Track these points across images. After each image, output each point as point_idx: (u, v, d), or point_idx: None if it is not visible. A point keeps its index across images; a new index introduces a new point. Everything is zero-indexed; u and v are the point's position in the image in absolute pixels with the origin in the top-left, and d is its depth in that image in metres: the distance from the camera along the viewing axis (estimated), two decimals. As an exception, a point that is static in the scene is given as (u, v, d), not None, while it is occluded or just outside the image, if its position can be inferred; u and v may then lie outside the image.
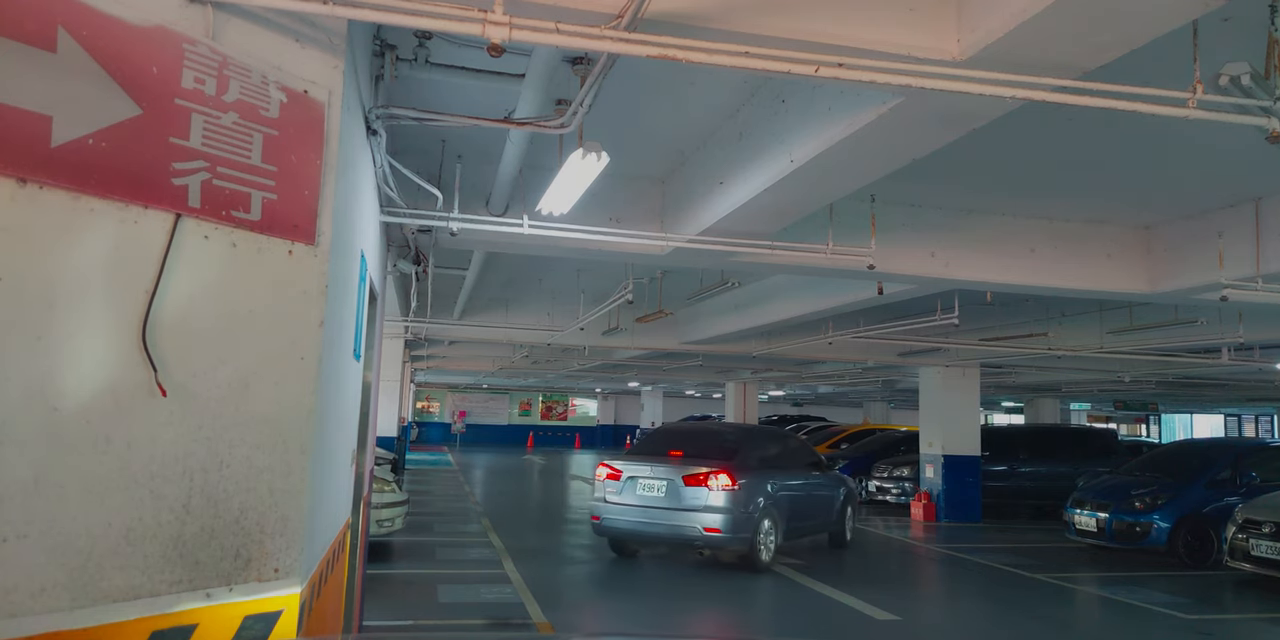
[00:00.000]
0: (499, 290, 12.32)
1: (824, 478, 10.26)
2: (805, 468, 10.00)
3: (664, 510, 8.47)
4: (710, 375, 23.39)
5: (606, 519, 8.92)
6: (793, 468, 9.72)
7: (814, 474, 10.09)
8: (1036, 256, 6.93)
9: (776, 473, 9.22)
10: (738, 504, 8.38)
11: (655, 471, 8.66)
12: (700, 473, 8.45)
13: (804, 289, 9.58)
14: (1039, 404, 26.01)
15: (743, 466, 8.72)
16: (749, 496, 8.51)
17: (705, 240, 5.51)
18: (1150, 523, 10.27)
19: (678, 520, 8.39)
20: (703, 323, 12.90)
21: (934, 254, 6.74)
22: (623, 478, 8.84)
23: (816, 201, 4.89)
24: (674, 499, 8.44)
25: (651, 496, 8.57)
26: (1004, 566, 9.92)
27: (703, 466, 8.54)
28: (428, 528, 11.41)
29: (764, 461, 9.24)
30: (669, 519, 8.45)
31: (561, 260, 9.99)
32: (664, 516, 8.47)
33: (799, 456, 10.10)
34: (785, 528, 9.04)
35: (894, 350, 13.98)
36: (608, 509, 8.89)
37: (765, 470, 9.07)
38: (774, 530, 8.81)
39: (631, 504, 8.68)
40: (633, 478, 8.77)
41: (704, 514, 8.30)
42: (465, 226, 5.01)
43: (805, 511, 9.62)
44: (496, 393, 40.13)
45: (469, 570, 8.57)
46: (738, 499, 8.39)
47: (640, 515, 8.62)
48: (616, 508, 8.80)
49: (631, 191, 6.31)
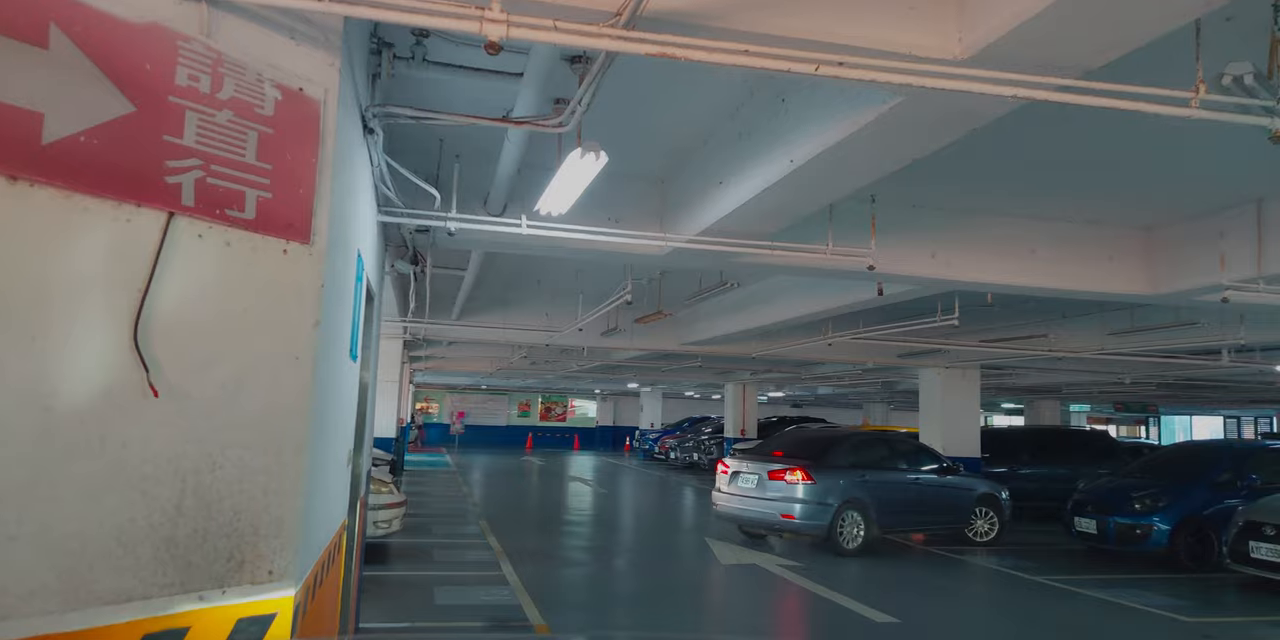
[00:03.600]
0: (498, 291, 12.30)
1: (945, 479, 11.38)
2: (919, 469, 11.33)
3: (755, 499, 10.40)
4: (710, 376, 23.38)
5: (718, 504, 10.98)
6: (900, 469, 11.20)
7: (930, 475, 11.31)
8: (1037, 257, 6.91)
9: (874, 472, 10.79)
10: (814, 496, 10.09)
11: (751, 467, 10.62)
12: (781, 469, 10.28)
13: (804, 290, 9.57)
14: (1039, 406, 26.00)
15: (825, 465, 10.44)
16: (827, 490, 10.17)
17: (705, 241, 5.49)
18: (1151, 525, 10.24)
19: (763, 508, 10.31)
20: (702, 324, 12.88)
21: (934, 255, 6.73)
22: (730, 472, 10.90)
23: (816, 202, 4.88)
24: (761, 490, 10.35)
25: (747, 488, 10.53)
26: (1005, 569, 9.90)
27: (783, 464, 10.38)
28: (426, 529, 11.39)
29: (858, 462, 10.83)
30: (758, 506, 10.38)
31: (560, 261, 9.99)
32: (755, 504, 10.41)
33: (912, 459, 11.49)
34: (882, 521, 10.51)
35: (894, 352, 13.96)
36: (719, 497, 11.00)
37: (857, 469, 10.65)
38: (863, 522, 10.32)
39: (734, 493, 10.70)
40: (737, 472, 10.80)
41: (782, 503, 10.14)
42: (463, 226, 4.99)
43: (913, 508, 10.91)
44: (495, 394, 40.05)
45: (467, 572, 8.54)
46: (814, 492, 10.10)
47: (739, 502, 10.62)
48: (724, 496, 10.87)
49: (631, 191, 6.30)
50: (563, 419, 41.63)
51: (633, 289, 8.19)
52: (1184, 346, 10.15)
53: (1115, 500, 10.72)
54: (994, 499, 11.67)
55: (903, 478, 11.11)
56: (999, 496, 11.74)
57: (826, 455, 10.69)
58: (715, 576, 9.01)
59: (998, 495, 11.74)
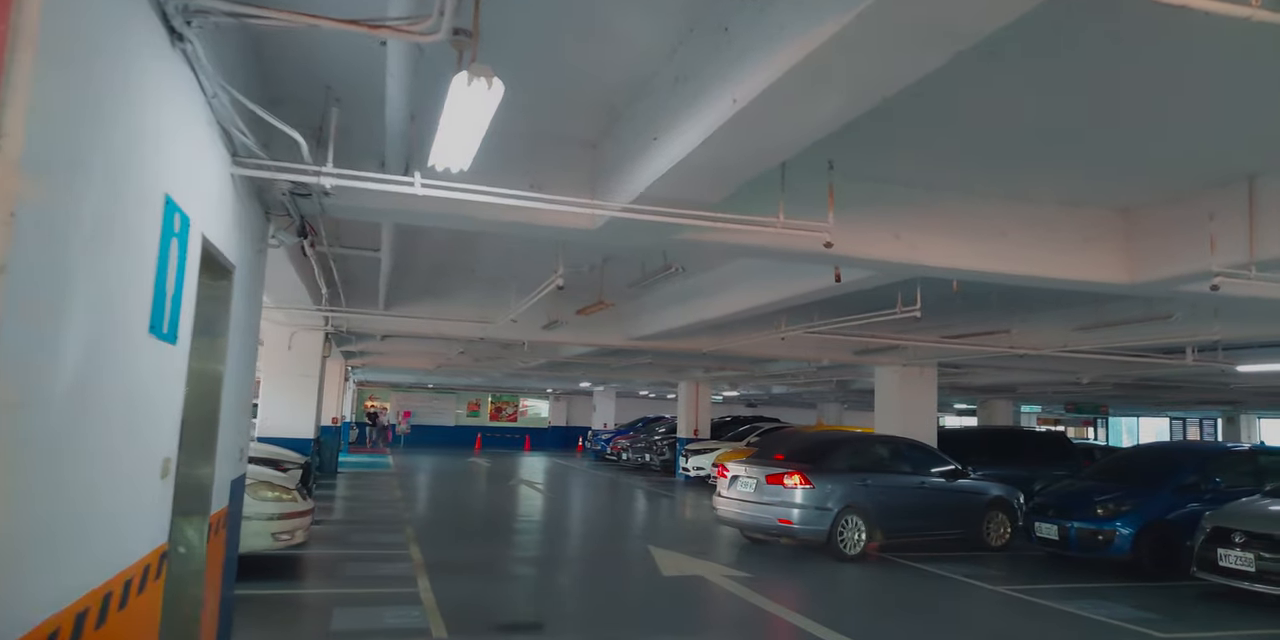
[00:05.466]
0: (427, 279, 11.38)
1: (954, 483, 10.95)
2: (925, 473, 10.90)
3: (754, 503, 10.11)
4: (662, 374, 22.63)
5: (718, 509, 10.72)
6: (905, 472, 10.79)
7: (937, 479, 10.88)
8: (1009, 241, 6.26)
9: (877, 476, 10.39)
10: (813, 501, 9.75)
11: (750, 472, 10.33)
12: (779, 473, 9.96)
13: (755, 279, 8.85)
14: (993, 406, 25.79)
15: (825, 469, 10.10)
16: (826, 495, 9.81)
17: (640, 210, 4.70)
18: (1113, 530, 9.72)
19: (762, 512, 10.00)
20: (649, 317, 12.11)
21: (898, 236, 6.03)
22: (729, 476, 10.64)
23: (765, 157, 4.11)
24: (760, 494, 10.05)
25: (746, 492, 10.24)
26: (963, 578, 9.29)
27: (781, 468, 10.05)
28: (343, 539, 10.41)
29: (860, 465, 10.47)
30: (757, 511, 10.07)
31: (493, 246, 9.13)
32: (754, 509, 10.11)
33: (919, 463, 11.04)
34: (884, 526, 10.11)
35: (849, 348, 13.35)
36: (719, 501, 10.75)
37: (858, 473, 10.28)
38: (863, 527, 9.92)
39: (733, 498, 10.43)
40: (736, 476, 10.51)
41: (780, 507, 9.85)
42: (342, 184, 4.12)
43: (919, 514, 10.49)
44: (443, 393, 38.86)
45: (376, 589, 7.63)
46: (813, 497, 9.76)
47: (739, 507, 10.33)
48: (724, 501, 10.61)
49: (559, 156, 5.48)
50: (514, 419, 40.59)
51: (570, 275, 7.41)
52: (1152, 344, 9.64)
53: (1077, 504, 10.20)
54: (1007, 503, 11.30)
55: (908, 482, 10.70)
56: (1012, 501, 11.35)
57: (827, 459, 10.37)
58: (652, 591, 8.23)
59: (1011, 500, 11.36)
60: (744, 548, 11.73)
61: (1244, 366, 11.31)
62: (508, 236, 8.28)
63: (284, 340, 11.64)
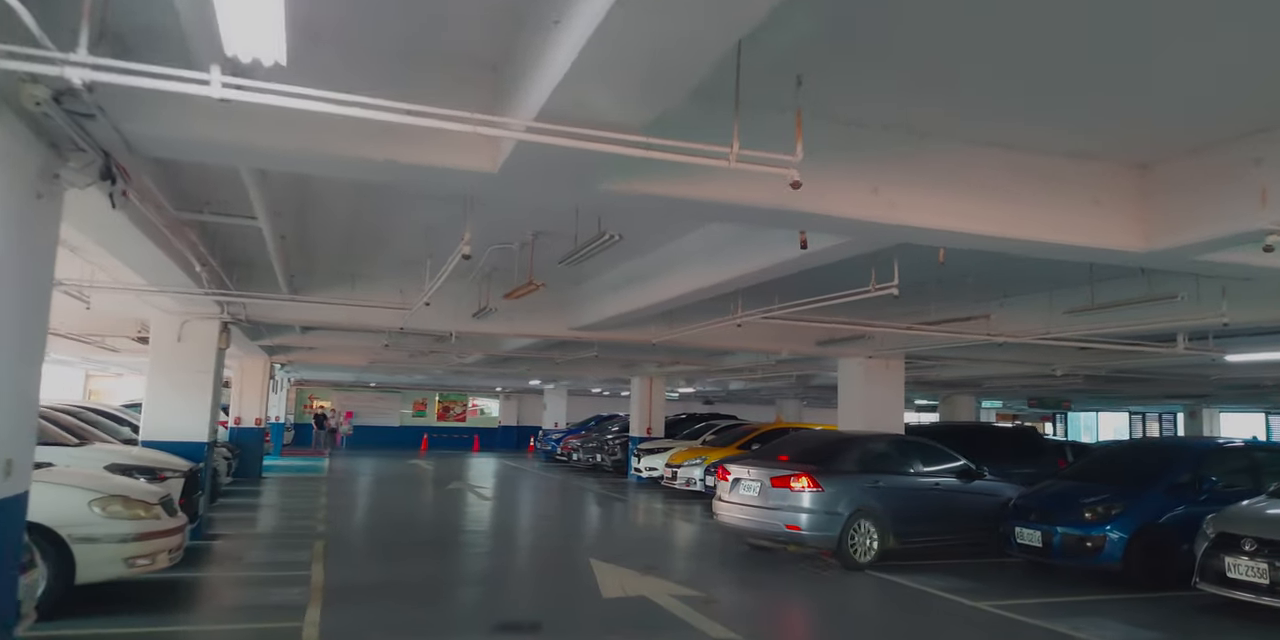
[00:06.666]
0: (338, 261, 10.04)
1: (970, 484, 10.20)
2: (940, 474, 10.13)
3: (758, 508, 9.35)
4: (614, 370, 21.44)
5: (719, 514, 9.96)
6: (918, 473, 10.01)
7: (952, 480, 10.12)
8: (1007, 199, 5.19)
9: (889, 477, 9.64)
10: (820, 505, 9.01)
11: (752, 474, 9.56)
12: (784, 475, 9.22)
13: (707, 257, 7.70)
14: (955, 401, 25.11)
15: (834, 470, 9.37)
16: (835, 498, 9.07)
17: (546, 130, 3.48)
18: (1103, 536, 8.79)
19: (767, 518, 9.25)
20: (592, 304, 10.91)
21: (876, 190, 4.91)
22: (731, 479, 9.82)
23: (700, 39, 2.92)
24: (764, 498, 9.30)
25: (749, 496, 9.49)
26: (940, 591, 8.27)
27: (787, 470, 9.30)
28: (235, 557, 9.04)
29: (871, 466, 9.68)
30: (761, 517, 9.31)
31: (403, 218, 7.84)
32: (758, 514, 9.35)
33: (932, 463, 10.25)
34: (899, 531, 9.36)
35: (811, 339, 12.31)
36: (720, 506, 9.95)
37: (869, 474, 9.52)
38: (876, 533, 9.20)
39: (735, 502, 9.65)
40: (738, 479, 9.73)
41: (786, 512, 9.09)
42: (102, 79, 2.84)
43: (933, 517, 9.75)
44: (387, 391, 37.20)
45: (248, 624, 6.30)
46: (821, 500, 9.02)
47: (741, 513, 9.56)
48: (725, 506, 9.83)
49: (449, 79, 4.25)
50: (462, 419, 39.08)
51: (498, 255, 6.20)
52: (1149, 329, 8.65)
53: (1061, 507, 9.25)
54: None
55: (921, 483, 9.98)
56: None
57: (836, 459, 9.67)
58: (585, 618, 7.04)
59: None
60: (699, 560, 10.62)
61: (1234, 356, 10.50)
62: (415, 201, 7.02)
63: (172, 330, 10.19)
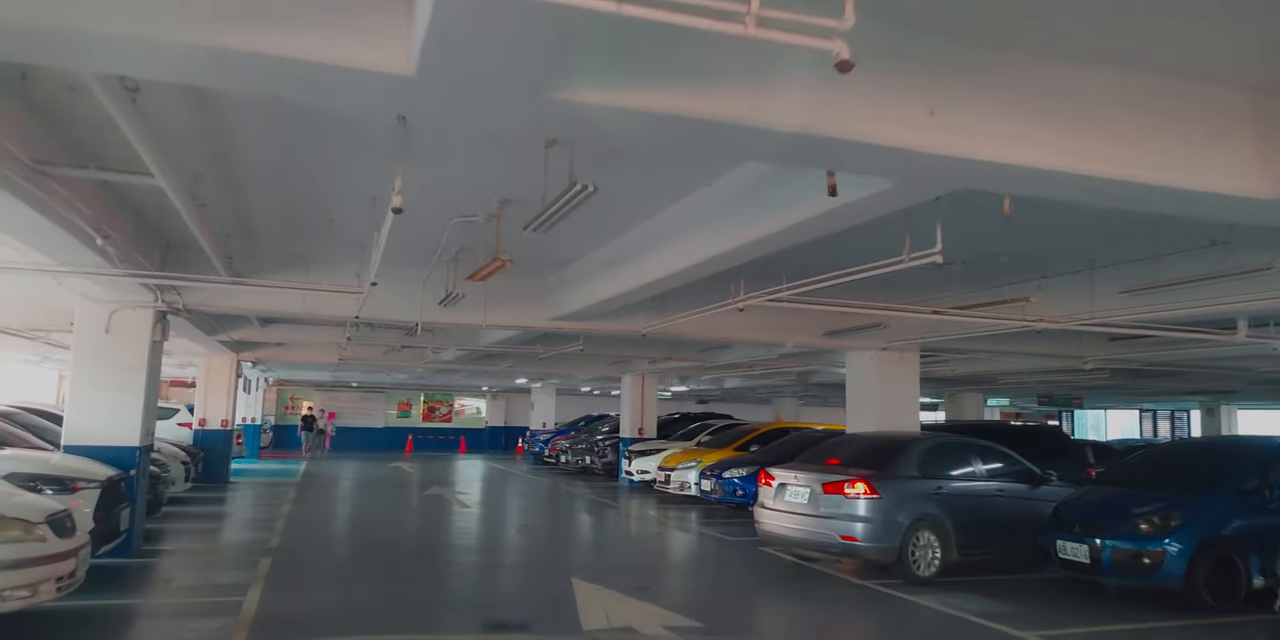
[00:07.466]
0: (283, 241, 8.81)
1: (1037, 490, 9.39)
2: (1003, 479, 9.42)
3: (807, 517, 8.65)
4: (603, 367, 20.20)
5: (762, 523, 9.22)
6: (981, 478, 9.31)
7: (1018, 485, 9.38)
8: (1098, 128, 4.00)
9: (951, 482, 8.97)
10: (879, 513, 8.27)
11: (800, 479, 8.87)
12: (837, 480, 8.50)
13: (706, 224, 6.49)
14: (961, 399, 23.99)
15: (892, 476, 8.65)
16: (895, 506, 8.35)
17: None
18: (1161, 551, 7.61)
19: (818, 527, 8.55)
20: (575, 291, 9.70)
21: (933, 111, 3.72)
22: (775, 484, 9.12)
23: None
24: (815, 506, 8.59)
25: (797, 503, 8.80)
26: (976, 618, 7.09)
27: (841, 475, 8.59)
28: (161, 580, 7.81)
29: (931, 471, 8.96)
30: (811, 526, 8.61)
31: (343, 186, 6.61)
32: (807, 523, 8.65)
33: (995, 467, 9.52)
34: (963, 541, 8.59)
35: (819, 329, 11.12)
36: (763, 514, 9.21)
37: (930, 480, 8.82)
38: (939, 543, 8.45)
39: (781, 510, 8.94)
40: (783, 484, 9.02)
41: (840, 522, 8.37)
42: None
43: (999, 527, 8.93)
44: (371, 391, 35.87)
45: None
46: (879, 508, 8.28)
47: (788, 521, 8.85)
48: (769, 513, 9.09)
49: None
50: (448, 419, 37.75)
51: (462, 230, 4.91)
52: (1213, 311, 7.41)
53: (1111, 517, 8.07)
54: None
55: (986, 489, 9.20)
56: None
57: (893, 463, 8.89)
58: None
59: None
60: (695, 577, 9.43)
61: (1297, 344, 9.34)
62: (347, 161, 5.76)
63: (99, 321, 8.93)
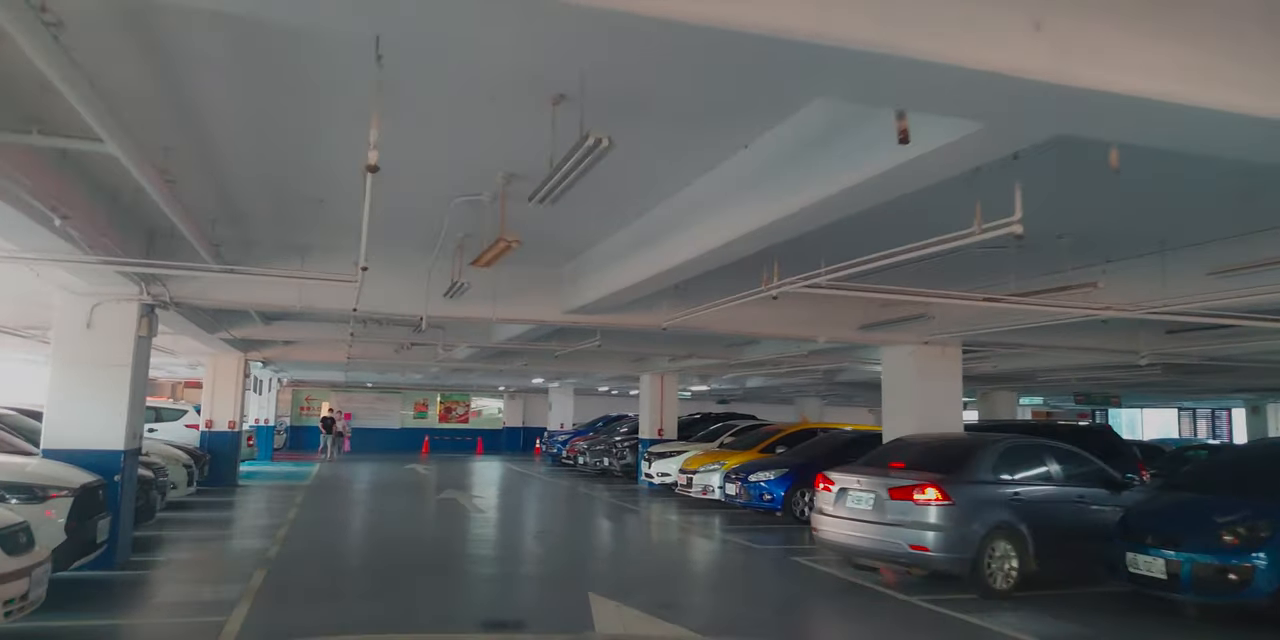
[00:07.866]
0: (282, 230, 8.16)
1: (1119, 498, 8.71)
2: (1083, 484, 8.82)
3: (872, 524, 8.10)
4: (622, 366, 19.46)
5: (821, 531, 8.75)
6: (1060, 483, 8.72)
7: (1099, 491, 8.78)
8: (1246, 47, 3.20)
9: (1030, 489, 8.43)
10: (952, 521, 7.72)
11: (864, 483, 8.32)
12: (905, 486, 7.96)
13: (739, 194, 5.71)
14: (994, 397, 22.98)
15: (965, 480, 8.11)
16: (971, 513, 7.82)
17: None
18: (1250, 565, 6.76)
19: (884, 536, 7.98)
20: (590, 280, 8.96)
21: (1040, 25, 2.94)
22: (835, 489, 8.63)
23: None
24: (880, 513, 8.05)
25: (860, 509, 8.27)
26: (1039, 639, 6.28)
27: (909, 479, 8.07)
28: (140, 596, 7.14)
29: (1006, 475, 8.43)
30: (877, 534, 8.05)
31: (340, 161, 5.90)
32: (872, 531, 8.10)
33: (1073, 471, 8.91)
34: (1041, 551, 8.00)
35: (854, 321, 10.32)
36: (821, 521, 8.74)
37: (1008, 485, 8.31)
38: (1017, 553, 7.89)
39: (842, 516, 8.43)
40: (844, 489, 8.51)
41: (910, 530, 7.80)
42: None
43: (1080, 536, 8.22)
44: (388, 392, 35.36)
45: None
46: (952, 516, 7.74)
47: (850, 529, 8.30)
48: (829, 520, 8.60)
49: None
50: (465, 420, 37.16)
51: (464, 211, 4.17)
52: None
53: (1190, 528, 7.23)
54: None
55: (1066, 495, 8.59)
56: None
57: (965, 467, 8.29)
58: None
59: None
60: (722, 592, 8.67)
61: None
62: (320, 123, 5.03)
63: (80, 315, 8.30)
